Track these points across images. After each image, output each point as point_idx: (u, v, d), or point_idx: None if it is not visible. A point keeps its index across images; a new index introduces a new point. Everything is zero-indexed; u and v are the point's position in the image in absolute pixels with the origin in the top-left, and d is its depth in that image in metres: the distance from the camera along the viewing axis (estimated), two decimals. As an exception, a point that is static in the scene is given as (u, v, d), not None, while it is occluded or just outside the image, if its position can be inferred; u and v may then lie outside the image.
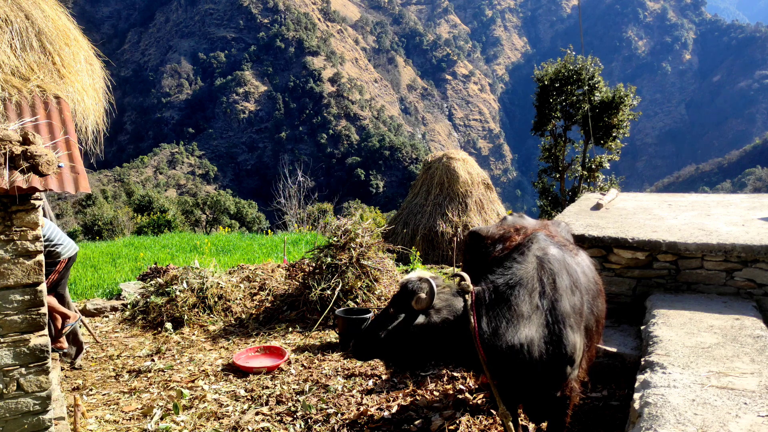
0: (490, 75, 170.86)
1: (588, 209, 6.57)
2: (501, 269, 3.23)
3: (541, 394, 3.23)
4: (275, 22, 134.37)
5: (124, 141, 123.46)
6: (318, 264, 7.29)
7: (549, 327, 3.09)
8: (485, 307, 3.09)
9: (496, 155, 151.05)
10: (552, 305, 3.11)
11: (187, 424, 4.47)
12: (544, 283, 3.14)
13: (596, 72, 15.45)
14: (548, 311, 3.10)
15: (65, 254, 5.34)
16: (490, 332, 3.04)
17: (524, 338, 3.02)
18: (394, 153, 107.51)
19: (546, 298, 3.12)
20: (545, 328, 3.08)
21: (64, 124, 3.57)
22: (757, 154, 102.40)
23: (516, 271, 3.17)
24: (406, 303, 3.03)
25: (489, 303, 3.11)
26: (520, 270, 3.17)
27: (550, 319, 3.09)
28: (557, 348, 3.08)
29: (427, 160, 13.72)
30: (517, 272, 3.16)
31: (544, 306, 3.10)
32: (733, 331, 3.97)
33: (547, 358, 3.08)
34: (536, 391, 3.22)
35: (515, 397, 3.36)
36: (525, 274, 3.16)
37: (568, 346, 3.08)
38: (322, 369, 5.49)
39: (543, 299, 3.11)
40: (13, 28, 3.64)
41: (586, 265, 3.56)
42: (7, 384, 3.26)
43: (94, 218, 22.00)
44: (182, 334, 6.71)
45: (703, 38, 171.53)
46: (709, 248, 4.82)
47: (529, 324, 3.05)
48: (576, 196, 14.61)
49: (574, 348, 3.12)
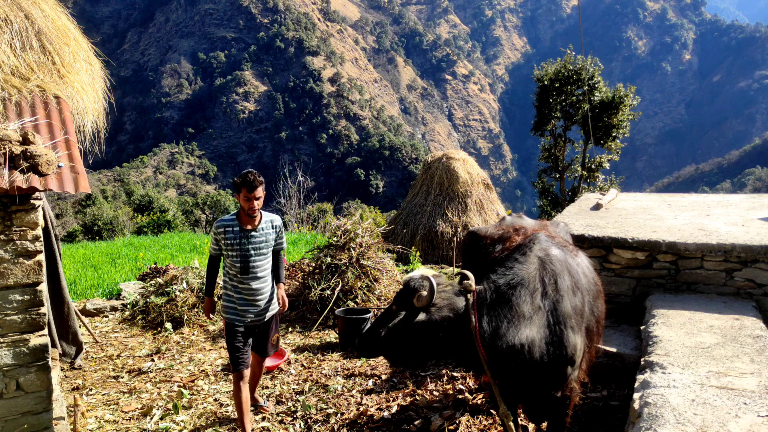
0: (489, 75, 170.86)
1: (588, 209, 6.57)
2: (503, 269, 3.22)
3: (541, 394, 3.23)
4: (275, 22, 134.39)
5: (124, 141, 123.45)
6: (318, 264, 7.29)
7: (550, 328, 3.08)
8: (486, 307, 3.09)
9: (496, 155, 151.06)
10: (554, 306, 3.11)
11: (187, 424, 4.47)
12: (546, 284, 3.14)
13: (596, 72, 15.46)
14: (550, 312, 3.10)
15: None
16: (490, 332, 3.04)
17: (525, 338, 3.02)
18: (394, 153, 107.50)
19: (548, 298, 3.11)
20: (546, 328, 3.08)
21: (64, 124, 3.57)
22: (757, 154, 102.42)
23: (518, 272, 3.17)
24: (407, 300, 3.04)
25: (490, 303, 3.10)
26: (522, 270, 3.17)
27: (552, 319, 3.09)
28: (558, 349, 3.08)
29: (427, 160, 13.72)
30: (519, 272, 3.16)
31: (545, 307, 3.10)
32: (732, 331, 3.97)
33: (547, 359, 3.07)
34: (536, 391, 3.22)
35: (515, 397, 3.36)
36: (527, 274, 3.15)
37: (569, 347, 3.08)
38: (322, 369, 5.49)
39: (545, 300, 3.11)
40: (13, 27, 3.63)
41: (586, 266, 3.56)
42: (7, 384, 3.26)
43: (94, 218, 22.00)
44: (182, 334, 6.71)
45: (703, 38, 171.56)
46: (709, 248, 4.81)
47: (530, 324, 3.05)
48: (576, 196, 14.61)
49: (575, 349, 3.12)
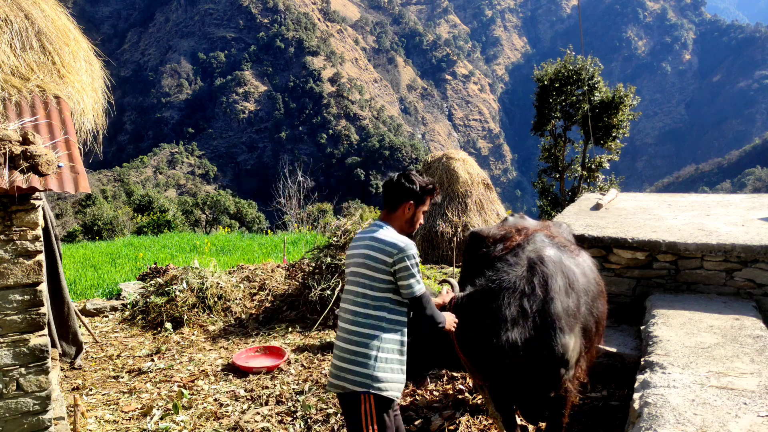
0: (489, 75, 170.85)
1: (588, 209, 6.57)
2: (491, 272, 3.24)
3: (534, 395, 3.24)
4: (275, 22, 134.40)
5: (124, 141, 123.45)
6: (318, 264, 7.29)
7: (537, 329, 3.08)
8: (467, 311, 3.12)
9: (496, 155, 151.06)
10: (542, 307, 3.11)
11: (187, 424, 4.47)
12: (535, 286, 3.14)
13: (596, 72, 15.46)
14: (537, 313, 3.10)
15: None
16: (468, 336, 3.07)
17: (505, 341, 3.02)
18: (394, 153, 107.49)
19: (535, 300, 3.12)
20: (532, 330, 3.08)
21: (64, 124, 3.57)
22: (757, 154, 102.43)
23: (503, 276, 3.18)
24: None
25: (471, 307, 3.14)
26: (509, 273, 3.19)
27: (540, 321, 3.09)
28: (547, 350, 3.07)
29: (427, 160, 13.71)
30: (504, 276, 3.18)
31: (532, 309, 3.10)
32: (732, 331, 3.97)
33: (536, 360, 3.07)
34: (529, 392, 3.23)
35: (509, 397, 3.37)
36: (513, 277, 3.16)
37: (558, 347, 3.08)
38: (322, 369, 5.49)
39: (531, 302, 3.11)
40: (13, 28, 3.63)
41: (587, 266, 3.55)
42: (7, 384, 3.26)
43: (94, 218, 21.99)
44: (182, 334, 6.71)
45: (703, 38, 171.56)
46: (709, 248, 4.81)
47: (513, 327, 3.05)
48: (576, 197, 14.60)
49: (566, 349, 3.11)
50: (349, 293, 2.85)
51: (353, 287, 2.83)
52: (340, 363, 2.77)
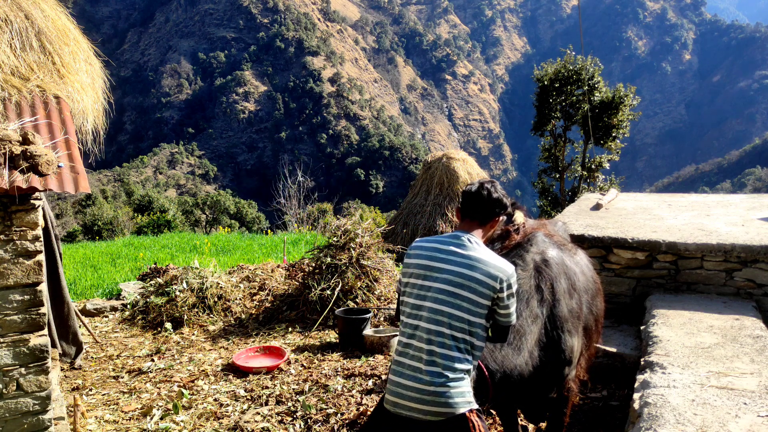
0: (489, 75, 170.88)
1: (588, 209, 6.57)
2: None
3: (537, 395, 3.23)
4: (275, 22, 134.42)
5: (124, 141, 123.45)
6: (318, 264, 7.29)
7: (548, 334, 3.07)
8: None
9: (496, 155, 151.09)
10: (550, 311, 3.09)
11: (187, 424, 4.47)
12: (543, 290, 3.12)
13: (596, 72, 15.48)
14: (546, 318, 3.08)
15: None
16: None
17: (521, 362, 3.00)
18: (394, 153, 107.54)
19: (544, 305, 3.09)
20: (544, 335, 3.07)
21: (64, 124, 3.57)
22: (757, 154, 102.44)
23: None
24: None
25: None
26: (519, 279, 3.16)
27: (549, 325, 3.08)
28: (555, 353, 3.07)
29: (427, 160, 13.73)
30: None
31: (543, 314, 3.08)
32: (732, 332, 3.97)
33: (544, 363, 3.07)
34: (533, 392, 3.22)
35: (512, 398, 3.36)
36: (522, 283, 3.13)
37: (566, 350, 3.08)
38: (322, 369, 5.49)
39: (541, 307, 3.09)
40: (12, 28, 3.63)
41: (585, 264, 3.55)
42: (7, 384, 3.26)
43: (94, 218, 22.01)
44: (182, 334, 6.71)
45: (703, 38, 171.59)
46: (709, 248, 4.82)
47: (528, 336, 3.02)
48: (576, 197, 14.61)
49: (572, 351, 3.12)
50: (429, 311, 2.49)
51: (439, 306, 2.48)
52: (429, 387, 2.43)
